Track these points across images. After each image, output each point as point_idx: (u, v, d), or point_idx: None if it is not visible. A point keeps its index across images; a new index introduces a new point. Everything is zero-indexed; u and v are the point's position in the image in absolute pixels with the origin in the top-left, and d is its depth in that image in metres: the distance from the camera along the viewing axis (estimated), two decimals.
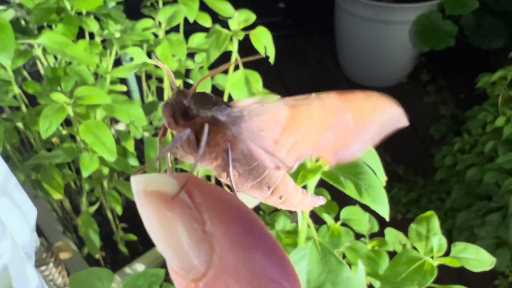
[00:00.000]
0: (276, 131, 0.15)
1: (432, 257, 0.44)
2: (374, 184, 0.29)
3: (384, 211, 0.30)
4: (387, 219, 0.30)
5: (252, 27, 0.60)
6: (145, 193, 0.12)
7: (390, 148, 1.29)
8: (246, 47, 0.67)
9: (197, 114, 0.15)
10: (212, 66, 0.62)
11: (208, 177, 0.76)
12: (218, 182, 0.73)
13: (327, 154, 0.16)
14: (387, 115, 0.16)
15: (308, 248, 0.31)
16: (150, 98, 0.84)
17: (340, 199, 0.53)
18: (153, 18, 0.60)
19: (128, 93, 0.90)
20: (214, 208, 0.12)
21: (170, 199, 0.12)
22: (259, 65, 0.69)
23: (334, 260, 0.30)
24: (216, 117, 0.15)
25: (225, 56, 0.66)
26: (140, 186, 0.12)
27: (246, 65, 0.66)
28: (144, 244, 0.77)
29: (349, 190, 0.29)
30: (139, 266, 0.73)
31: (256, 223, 0.13)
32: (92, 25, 0.61)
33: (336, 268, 0.29)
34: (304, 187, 0.35)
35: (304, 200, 0.19)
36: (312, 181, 0.31)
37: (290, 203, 0.18)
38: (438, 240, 0.44)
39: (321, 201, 0.20)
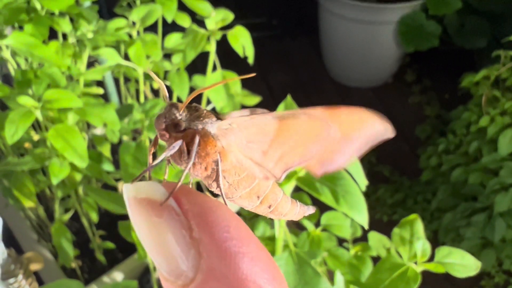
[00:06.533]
0: (265, 143, 0.16)
1: (416, 263, 0.42)
2: (352, 190, 0.28)
3: (363, 219, 0.28)
4: (366, 227, 0.28)
5: (233, 27, 0.58)
6: (135, 200, 0.13)
7: (375, 149, 1.27)
8: (226, 48, 0.65)
9: (189, 127, 0.15)
10: (190, 67, 0.60)
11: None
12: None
13: (314, 165, 0.16)
14: (373, 129, 0.16)
15: (284, 259, 0.29)
16: (129, 100, 0.82)
17: (321, 203, 0.52)
18: (126, 18, 0.58)
19: (106, 96, 0.87)
20: (201, 215, 0.13)
21: (159, 205, 0.13)
22: (242, 66, 0.67)
23: (310, 271, 0.28)
24: (206, 130, 0.15)
25: (204, 57, 0.64)
26: (130, 194, 0.13)
27: (227, 66, 0.64)
28: (122, 251, 0.75)
29: (325, 197, 0.28)
30: (117, 275, 0.70)
31: (243, 230, 0.13)
32: (64, 26, 0.59)
33: (313, 279, 0.28)
34: None
35: (293, 209, 0.19)
36: (287, 188, 0.29)
37: (279, 212, 0.19)
38: (422, 245, 0.42)
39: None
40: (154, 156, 0.17)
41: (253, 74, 0.16)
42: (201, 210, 0.13)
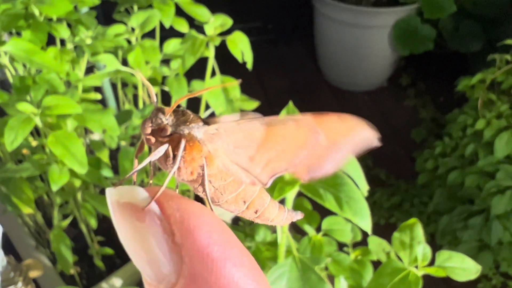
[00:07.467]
0: (252, 149, 0.16)
1: (416, 267, 0.42)
2: (355, 196, 0.28)
3: (367, 224, 0.28)
4: (370, 232, 0.28)
5: (230, 32, 0.58)
6: (118, 204, 0.13)
7: (371, 152, 1.28)
8: (223, 53, 0.65)
9: (175, 131, 0.15)
10: (188, 73, 0.60)
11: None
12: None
13: (301, 171, 0.17)
14: (359, 136, 0.16)
15: (288, 265, 0.29)
16: (127, 106, 0.82)
17: (321, 207, 0.52)
18: (125, 24, 0.58)
19: (103, 101, 0.87)
20: (183, 220, 0.13)
21: (141, 210, 0.13)
22: (238, 71, 0.67)
23: (314, 277, 0.28)
24: (192, 134, 0.15)
25: (202, 62, 0.65)
26: (113, 198, 0.13)
27: (224, 72, 0.64)
28: (121, 257, 0.74)
29: (329, 203, 0.28)
30: (116, 281, 0.70)
31: (226, 235, 0.13)
32: (63, 32, 0.58)
33: (317, 285, 0.28)
34: (283, 199, 0.33)
35: (280, 215, 0.19)
36: (291, 194, 0.29)
37: (266, 218, 0.19)
38: (423, 249, 0.43)
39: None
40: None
41: (238, 81, 0.16)
42: (184, 215, 0.13)
